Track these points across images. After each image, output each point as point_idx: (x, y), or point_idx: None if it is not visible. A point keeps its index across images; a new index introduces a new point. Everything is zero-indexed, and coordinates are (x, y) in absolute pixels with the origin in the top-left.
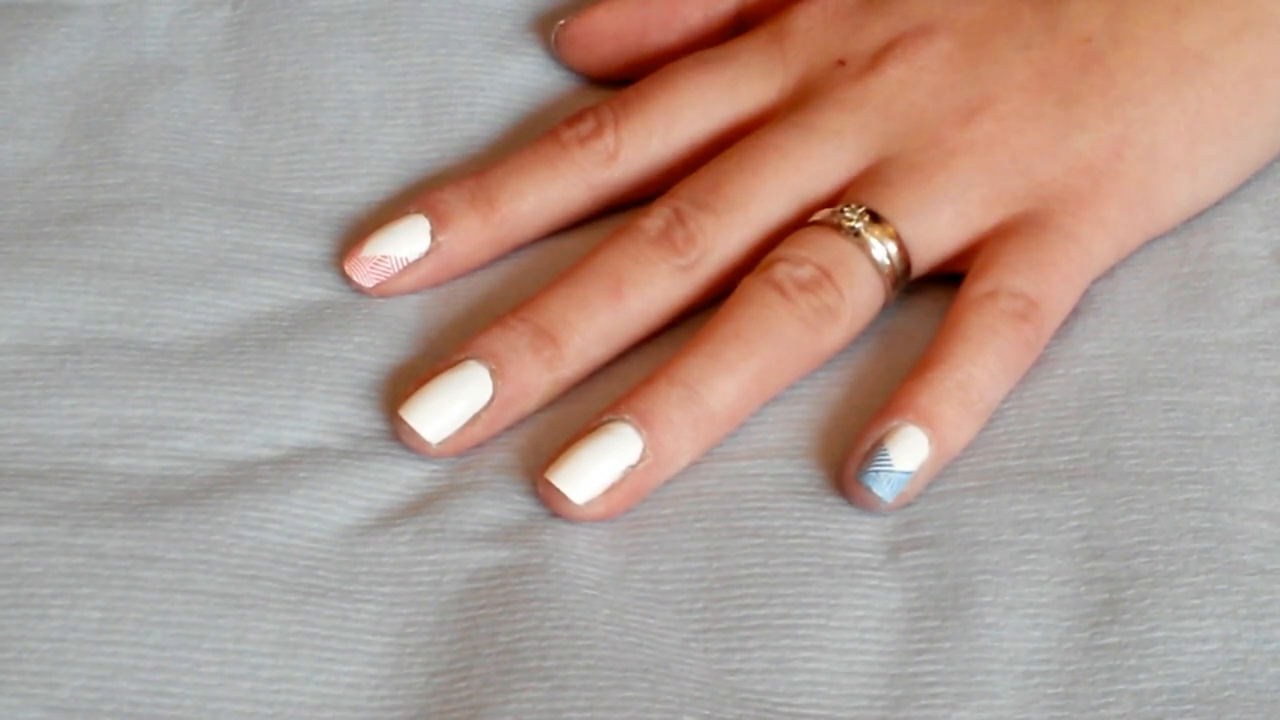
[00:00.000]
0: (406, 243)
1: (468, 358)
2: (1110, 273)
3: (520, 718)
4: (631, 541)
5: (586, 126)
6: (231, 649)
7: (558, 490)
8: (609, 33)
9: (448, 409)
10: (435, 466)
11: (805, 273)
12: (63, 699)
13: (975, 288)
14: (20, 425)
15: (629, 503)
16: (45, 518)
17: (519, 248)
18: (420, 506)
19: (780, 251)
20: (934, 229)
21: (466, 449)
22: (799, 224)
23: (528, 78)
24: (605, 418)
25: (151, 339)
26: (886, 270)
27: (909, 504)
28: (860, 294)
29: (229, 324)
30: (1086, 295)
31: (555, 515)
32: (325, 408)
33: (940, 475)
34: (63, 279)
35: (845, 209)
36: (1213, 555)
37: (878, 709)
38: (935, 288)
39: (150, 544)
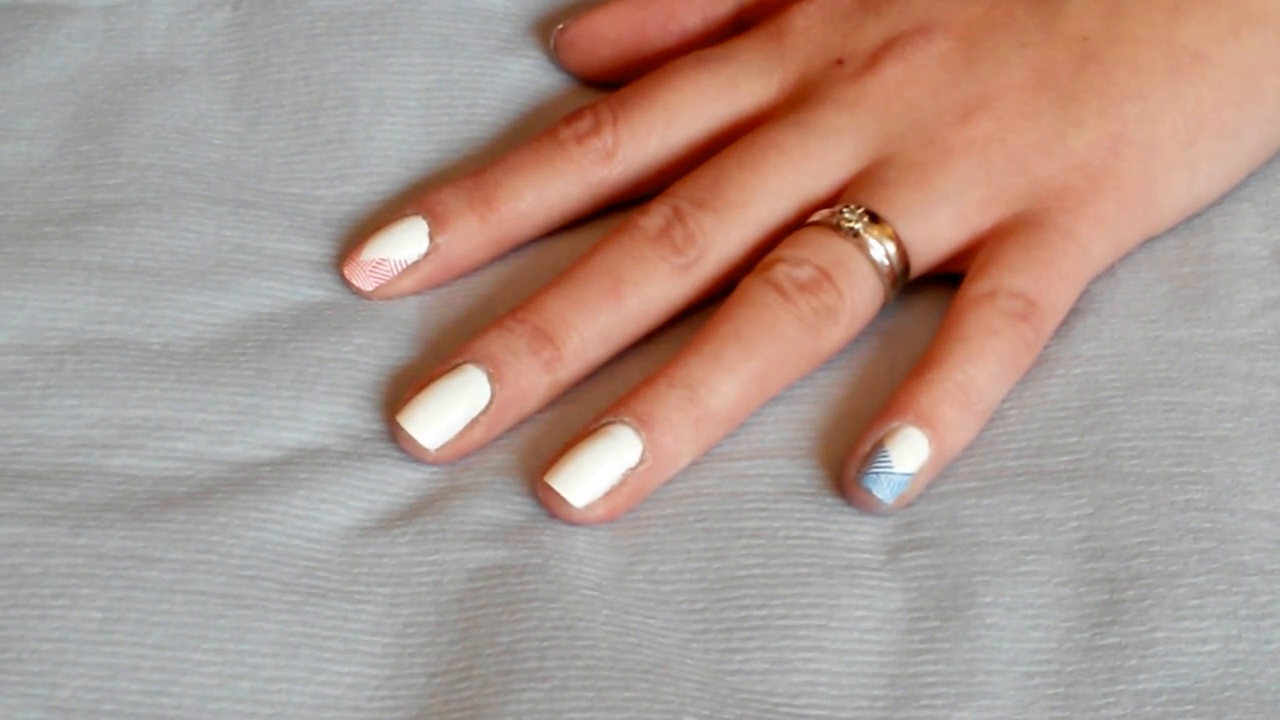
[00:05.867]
0: (405, 245)
1: (465, 361)
2: (1110, 272)
3: (520, 718)
4: (631, 542)
5: (584, 125)
6: (232, 649)
7: (557, 494)
8: (607, 37)
9: (445, 415)
10: (435, 468)
11: (804, 273)
12: (63, 699)
13: (974, 288)
14: (20, 426)
15: (629, 505)
16: (45, 518)
17: (518, 247)
18: (420, 508)
19: (779, 252)
20: (932, 229)
21: (466, 453)
22: (798, 223)
23: (528, 79)
24: (604, 420)
25: (151, 339)
26: (885, 270)
27: (909, 505)
28: (859, 294)
29: (229, 325)
30: (1086, 295)
31: (555, 518)
32: (325, 409)
33: (940, 476)
34: (63, 279)
35: (844, 209)
36: (1213, 556)
37: (878, 709)
38: (935, 288)
39: (150, 544)
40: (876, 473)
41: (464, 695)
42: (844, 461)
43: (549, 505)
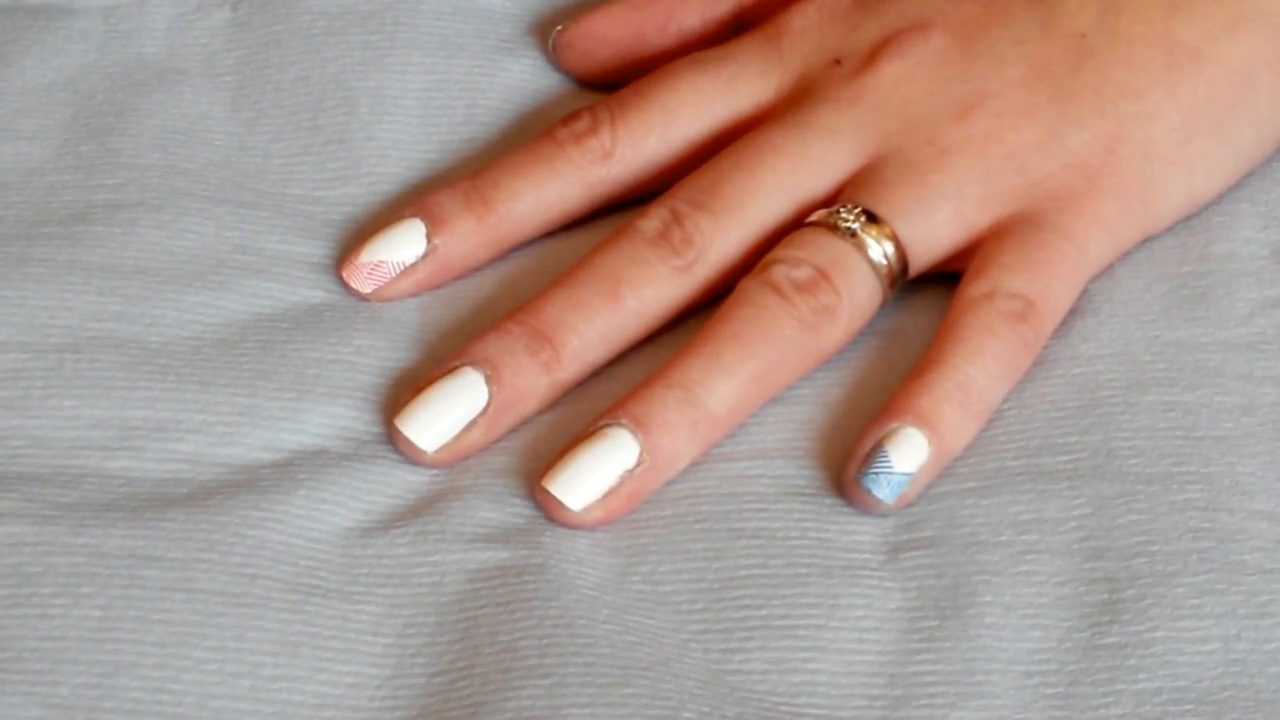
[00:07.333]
0: (403, 247)
1: (463, 364)
2: (1109, 272)
3: (520, 715)
4: (631, 543)
5: (582, 125)
6: (232, 647)
7: (555, 498)
8: (606, 38)
9: (444, 417)
10: (435, 470)
11: (803, 274)
12: (64, 697)
13: (973, 288)
14: (20, 427)
15: (628, 507)
16: (46, 518)
17: (517, 248)
18: (420, 509)
19: (778, 253)
20: (931, 228)
21: (464, 456)
22: (796, 223)
23: (527, 80)
24: (601, 422)
25: (151, 339)
26: (884, 270)
27: (909, 505)
28: (858, 294)
29: (229, 325)
30: (1085, 295)
31: (554, 522)
32: (325, 410)
33: (939, 476)
34: (63, 279)
35: (842, 209)
36: (1212, 555)
37: (877, 709)
38: (933, 287)
39: (151, 543)
40: (876, 473)
41: (464, 694)
42: (844, 462)
43: (547, 509)
